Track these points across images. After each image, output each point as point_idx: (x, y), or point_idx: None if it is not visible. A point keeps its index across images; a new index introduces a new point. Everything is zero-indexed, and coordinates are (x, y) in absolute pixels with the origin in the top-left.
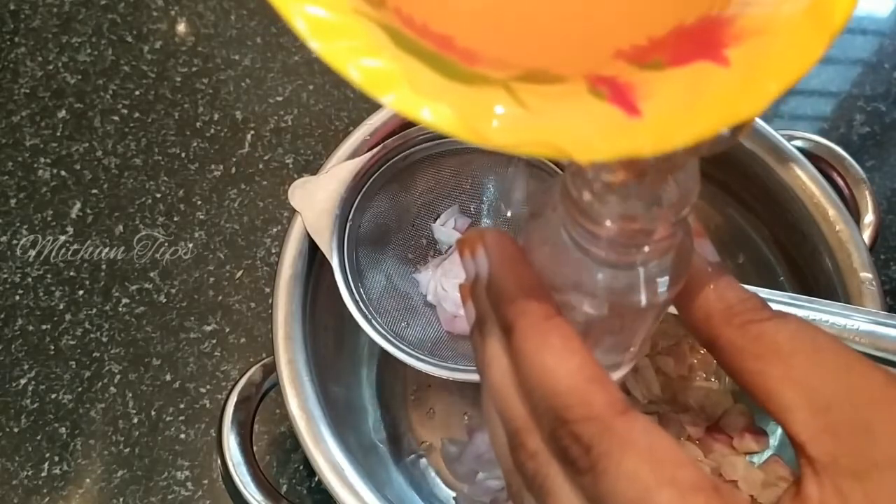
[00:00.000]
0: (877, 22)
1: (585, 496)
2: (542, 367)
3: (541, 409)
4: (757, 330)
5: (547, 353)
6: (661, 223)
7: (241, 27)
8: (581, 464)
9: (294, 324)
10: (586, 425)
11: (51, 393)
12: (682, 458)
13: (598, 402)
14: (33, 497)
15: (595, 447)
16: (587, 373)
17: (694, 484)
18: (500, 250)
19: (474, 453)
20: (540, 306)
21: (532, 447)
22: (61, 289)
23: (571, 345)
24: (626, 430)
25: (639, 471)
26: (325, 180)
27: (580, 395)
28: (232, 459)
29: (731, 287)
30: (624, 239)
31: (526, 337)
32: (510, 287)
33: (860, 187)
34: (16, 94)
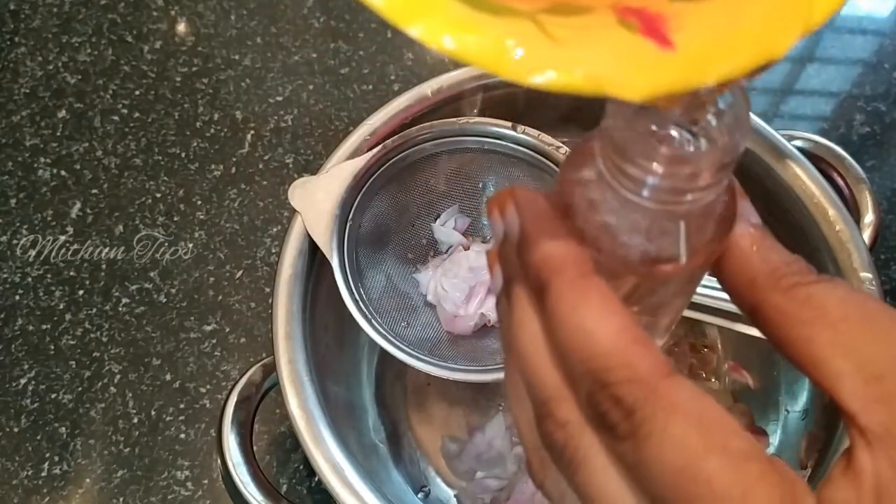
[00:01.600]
0: (877, 22)
1: (623, 465)
2: (580, 327)
3: (577, 374)
4: (804, 294)
5: (585, 313)
6: (707, 167)
7: (241, 27)
8: (621, 429)
9: (294, 324)
10: (629, 388)
11: (51, 393)
12: (733, 425)
13: (642, 364)
14: (33, 497)
15: (638, 411)
16: (629, 334)
17: (747, 453)
18: (533, 206)
19: (474, 452)
20: (576, 264)
21: (562, 416)
22: (61, 289)
23: (611, 304)
24: (672, 394)
25: (686, 436)
26: (325, 180)
27: (622, 356)
28: (232, 459)
29: (775, 249)
30: (668, 183)
31: (561, 296)
32: (543, 244)
33: (860, 187)
34: (16, 93)
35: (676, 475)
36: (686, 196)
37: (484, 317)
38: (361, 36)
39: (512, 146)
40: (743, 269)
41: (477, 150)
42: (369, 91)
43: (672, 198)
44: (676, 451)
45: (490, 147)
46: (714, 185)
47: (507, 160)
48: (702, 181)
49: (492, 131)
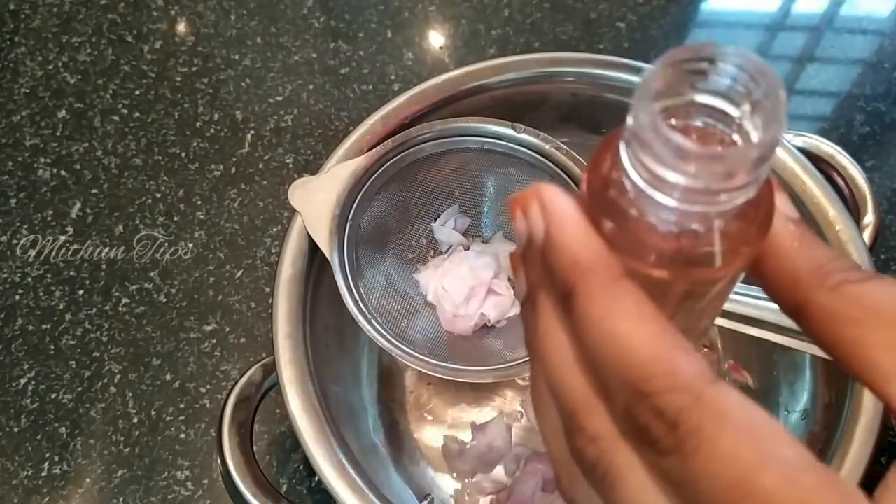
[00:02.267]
0: (877, 22)
1: (667, 483)
2: (614, 333)
3: (611, 384)
4: (853, 292)
5: (619, 318)
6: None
7: (241, 27)
8: (664, 443)
9: (294, 324)
10: (672, 397)
11: (51, 393)
12: (785, 434)
13: (684, 372)
14: (33, 497)
15: (683, 423)
16: (668, 339)
17: (801, 463)
18: (559, 207)
19: (475, 452)
20: (606, 267)
21: (593, 430)
22: (61, 289)
23: (646, 309)
24: (720, 402)
25: (739, 449)
26: (325, 180)
27: (663, 363)
28: (232, 459)
29: (817, 245)
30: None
31: (592, 301)
32: (570, 247)
33: (860, 187)
34: (16, 93)
35: (729, 492)
36: (720, 196)
37: (484, 317)
38: (361, 36)
39: (512, 146)
40: (784, 268)
41: (477, 150)
42: (369, 91)
43: (705, 199)
44: (728, 466)
45: (490, 147)
46: (750, 184)
47: (507, 160)
48: (736, 180)
49: (492, 131)
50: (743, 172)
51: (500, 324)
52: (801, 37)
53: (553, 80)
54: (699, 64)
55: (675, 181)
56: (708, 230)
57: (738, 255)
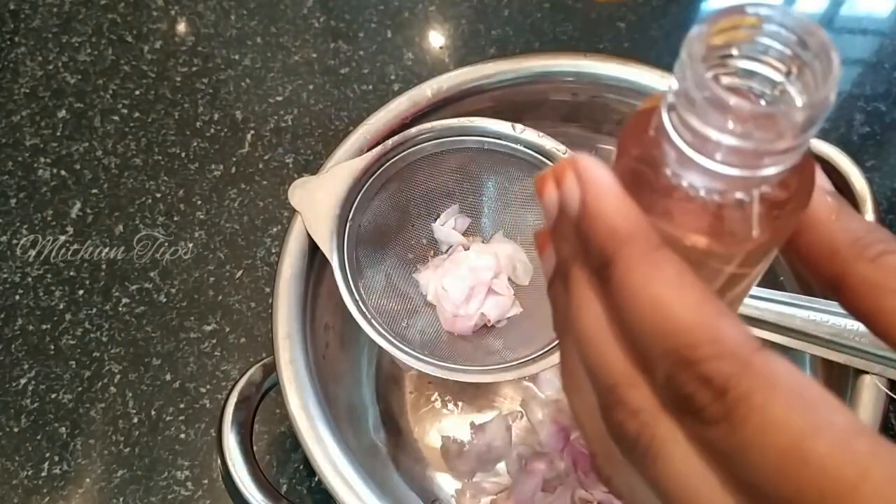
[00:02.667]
0: (877, 22)
1: (713, 454)
2: (656, 301)
3: (653, 354)
4: (893, 262)
5: (661, 285)
6: (789, 127)
7: (241, 27)
8: (711, 412)
9: (294, 324)
10: (718, 364)
11: (51, 393)
12: (834, 401)
13: (730, 338)
14: (33, 497)
15: (731, 390)
16: (712, 306)
17: (854, 429)
18: (596, 176)
19: (475, 452)
20: (646, 235)
21: (635, 403)
22: (61, 289)
23: (688, 276)
24: (768, 369)
25: (790, 416)
26: (325, 180)
27: (707, 330)
28: (232, 459)
29: (855, 217)
30: (745, 145)
31: (631, 269)
32: (609, 215)
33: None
34: (16, 93)
35: (782, 460)
36: (763, 160)
37: (484, 317)
38: (361, 36)
39: (512, 146)
40: (822, 241)
41: (477, 150)
42: (369, 91)
43: (748, 162)
44: (780, 434)
45: (490, 147)
46: (795, 150)
47: (507, 160)
48: (782, 143)
49: (492, 131)
50: (789, 135)
51: (500, 324)
52: None
53: (553, 80)
54: (746, 24)
55: (719, 141)
56: (749, 198)
57: (778, 226)
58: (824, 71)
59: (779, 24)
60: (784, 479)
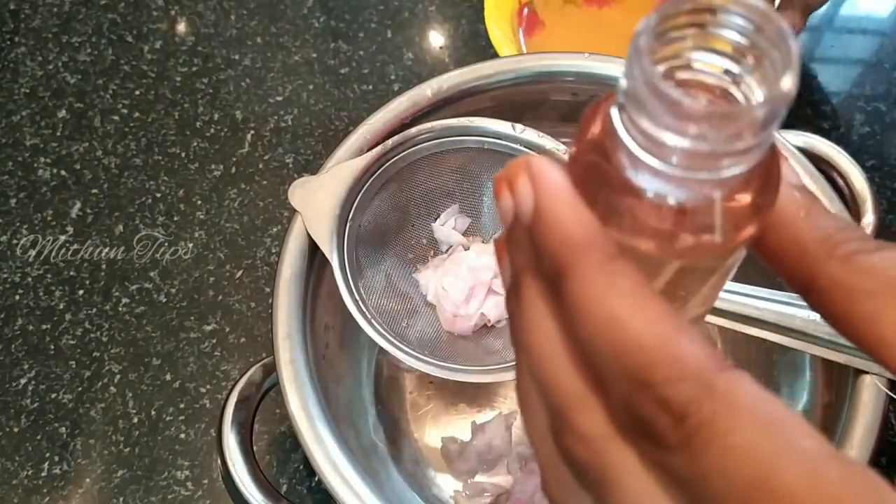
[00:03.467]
0: (877, 22)
1: (673, 482)
2: (611, 317)
3: (608, 375)
4: (866, 263)
5: (616, 301)
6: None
7: (241, 27)
8: (670, 439)
9: (294, 324)
10: (678, 387)
11: (51, 393)
12: (803, 424)
13: (691, 358)
14: (33, 497)
15: (693, 415)
16: (672, 323)
17: (823, 454)
18: (550, 180)
19: (474, 452)
20: (602, 246)
21: (585, 428)
22: (61, 288)
23: (645, 290)
24: (732, 392)
25: (755, 442)
26: (325, 180)
27: (667, 349)
28: (232, 459)
29: (825, 214)
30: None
31: (585, 282)
32: (563, 222)
33: (860, 187)
34: (16, 93)
35: (748, 490)
36: (722, 162)
37: (484, 317)
38: (361, 36)
39: (512, 146)
40: (790, 240)
41: (477, 150)
42: (369, 91)
43: (706, 165)
44: (745, 461)
45: (490, 147)
46: (755, 148)
47: (507, 160)
48: (741, 143)
49: (492, 131)
50: (748, 133)
51: (500, 324)
52: (801, 37)
53: (553, 80)
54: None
55: (673, 144)
56: (709, 202)
57: (742, 229)
58: (783, 60)
59: (733, 13)
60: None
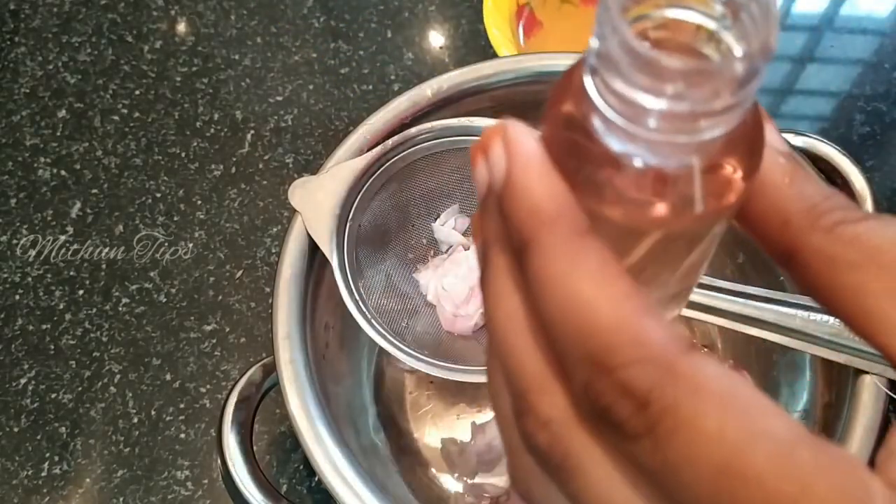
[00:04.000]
0: (877, 22)
1: (638, 472)
2: (575, 295)
3: (569, 357)
4: (851, 233)
5: (581, 277)
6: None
7: (241, 27)
8: (632, 426)
9: (294, 323)
10: (641, 370)
11: (51, 393)
12: (771, 405)
13: (654, 340)
14: (33, 497)
15: (655, 401)
16: (635, 303)
17: (794, 437)
18: (524, 147)
19: (474, 452)
20: (570, 218)
21: (545, 412)
22: (61, 288)
23: (611, 268)
24: (696, 374)
25: (723, 427)
26: (325, 180)
27: (630, 330)
28: (232, 459)
29: (810, 181)
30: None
31: (551, 256)
32: (532, 192)
33: (860, 187)
34: (16, 93)
35: (717, 477)
36: (700, 124)
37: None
38: (361, 36)
39: None
40: (773, 208)
41: None
42: (369, 91)
43: (685, 127)
44: (713, 447)
45: None
46: (736, 108)
47: None
48: (720, 102)
49: None
50: (727, 92)
51: None
52: (801, 37)
53: (553, 79)
54: None
55: (650, 106)
56: (688, 168)
57: (723, 197)
58: (763, 12)
59: None
60: (719, 498)
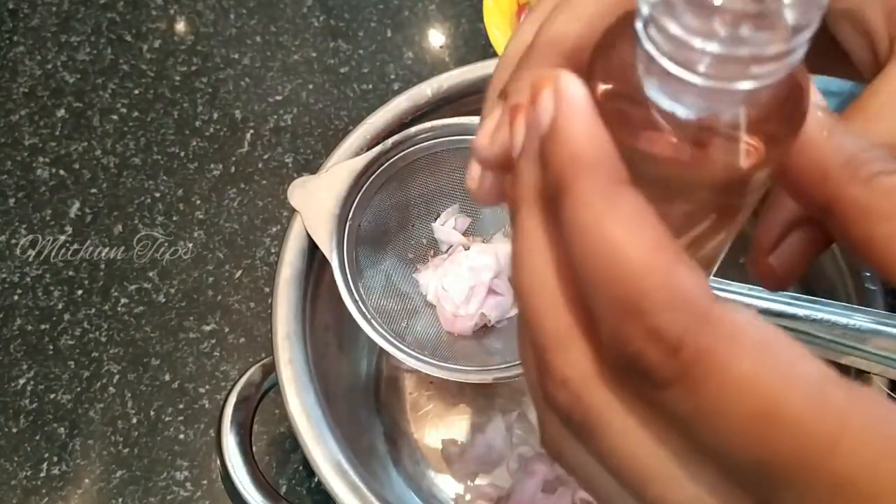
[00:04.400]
0: None
1: (666, 422)
2: (606, 239)
3: (599, 302)
4: (888, 184)
5: (614, 223)
6: (782, 26)
7: (241, 26)
8: (663, 373)
9: (294, 323)
10: (672, 316)
11: (49, 393)
12: (802, 349)
13: (688, 287)
14: (32, 497)
15: (687, 346)
16: (669, 251)
17: (828, 378)
18: (574, 95)
19: (474, 453)
20: (611, 167)
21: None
22: (60, 289)
23: (648, 217)
24: (729, 321)
25: (758, 373)
26: (324, 180)
27: (662, 276)
28: (231, 460)
29: (848, 135)
30: (729, 50)
31: (586, 202)
32: (575, 138)
33: None
34: (14, 93)
35: (751, 422)
36: (751, 70)
37: (484, 317)
38: (361, 35)
39: None
40: (811, 161)
41: None
42: (369, 90)
43: (734, 72)
44: (749, 392)
45: None
46: (787, 56)
47: None
48: (773, 48)
49: None
50: (781, 38)
51: (500, 324)
52: None
53: None
54: None
55: (703, 48)
56: (734, 118)
57: (769, 153)
58: None
59: None
60: (756, 443)
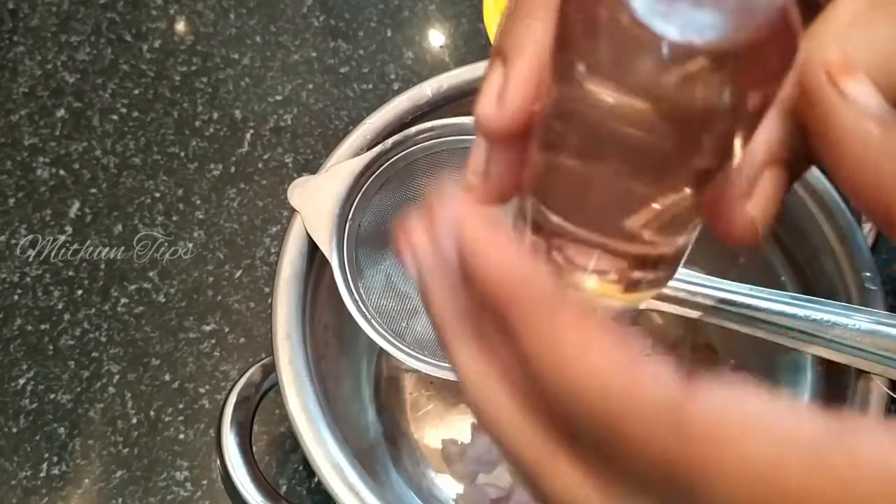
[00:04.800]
0: None
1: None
2: (567, 374)
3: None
4: None
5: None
6: None
7: (241, 26)
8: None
9: (294, 323)
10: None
11: (49, 393)
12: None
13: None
14: (32, 497)
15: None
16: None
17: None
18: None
19: (475, 454)
20: (538, 286)
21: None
22: (60, 288)
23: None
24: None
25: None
26: (324, 180)
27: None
28: (231, 460)
29: None
30: None
31: (531, 341)
32: (499, 274)
33: None
34: (14, 93)
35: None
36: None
37: None
38: (361, 35)
39: None
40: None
41: None
42: (369, 90)
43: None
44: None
45: None
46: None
47: None
48: None
49: None
50: None
51: None
52: None
53: None
54: None
55: None
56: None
57: (752, 90)
58: None
59: None
60: None
